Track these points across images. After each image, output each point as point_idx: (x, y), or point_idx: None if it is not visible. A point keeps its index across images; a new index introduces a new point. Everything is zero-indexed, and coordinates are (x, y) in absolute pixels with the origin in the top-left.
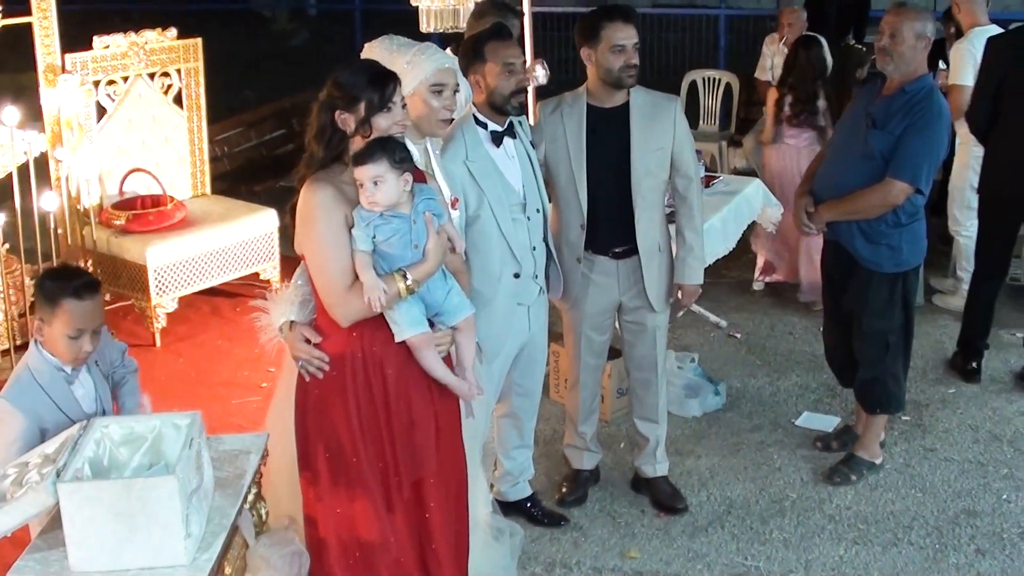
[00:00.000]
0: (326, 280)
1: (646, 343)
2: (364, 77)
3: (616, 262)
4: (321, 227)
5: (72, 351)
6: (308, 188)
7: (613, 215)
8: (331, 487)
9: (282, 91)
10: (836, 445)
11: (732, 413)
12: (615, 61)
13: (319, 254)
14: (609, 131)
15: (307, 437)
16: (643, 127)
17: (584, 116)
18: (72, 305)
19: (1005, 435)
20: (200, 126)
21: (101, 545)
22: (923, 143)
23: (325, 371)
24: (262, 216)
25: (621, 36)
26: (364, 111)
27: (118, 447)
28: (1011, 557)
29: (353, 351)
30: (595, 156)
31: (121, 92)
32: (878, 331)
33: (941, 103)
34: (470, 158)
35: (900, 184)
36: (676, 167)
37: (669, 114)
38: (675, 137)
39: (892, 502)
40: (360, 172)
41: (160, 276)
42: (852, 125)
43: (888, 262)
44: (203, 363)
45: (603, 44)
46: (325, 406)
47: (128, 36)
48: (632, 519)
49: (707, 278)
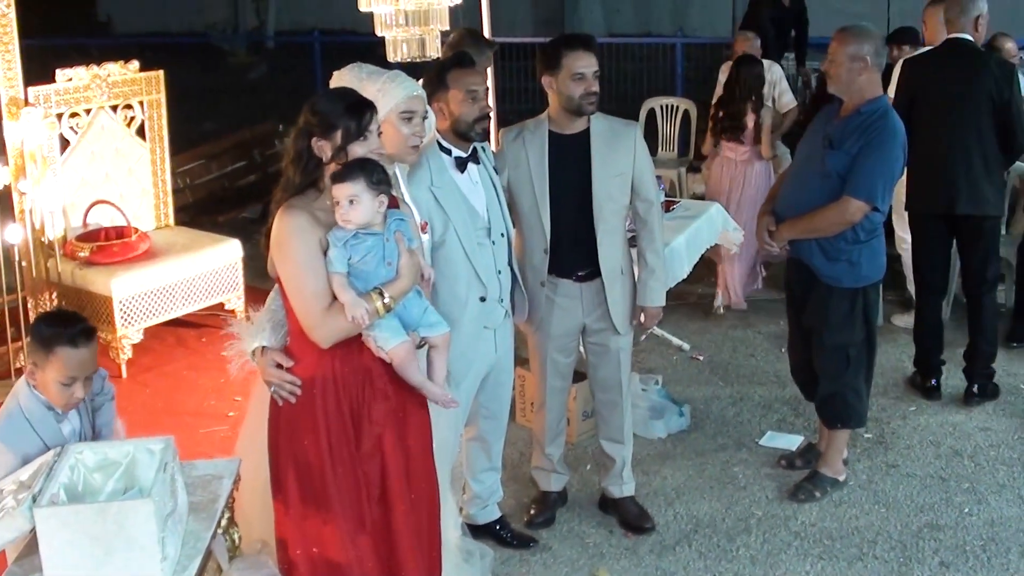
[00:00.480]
0: (303, 303)
1: (610, 365)
2: (341, 105)
3: (580, 285)
4: (296, 251)
5: (64, 397)
6: (283, 214)
7: (576, 239)
8: (302, 509)
9: (242, 123)
10: (800, 463)
11: (697, 434)
12: (576, 89)
13: (295, 278)
14: (571, 157)
15: (279, 460)
16: (604, 153)
17: (546, 142)
18: (66, 353)
19: (966, 450)
20: (163, 157)
21: (78, 569)
22: (877, 162)
23: (297, 395)
24: (226, 247)
25: (582, 64)
26: (340, 139)
27: (92, 473)
28: (974, 569)
29: (324, 374)
30: (557, 181)
31: (84, 124)
32: (838, 345)
33: (895, 123)
34: (435, 184)
35: (856, 202)
36: (637, 191)
37: (629, 140)
38: (635, 162)
39: (856, 518)
40: (337, 190)
41: (125, 307)
42: (811, 146)
43: (847, 277)
44: (170, 393)
45: (564, 72)
46: (296, 429)
47: (91, 69)
48: (600, 539)
49: (669, 301)
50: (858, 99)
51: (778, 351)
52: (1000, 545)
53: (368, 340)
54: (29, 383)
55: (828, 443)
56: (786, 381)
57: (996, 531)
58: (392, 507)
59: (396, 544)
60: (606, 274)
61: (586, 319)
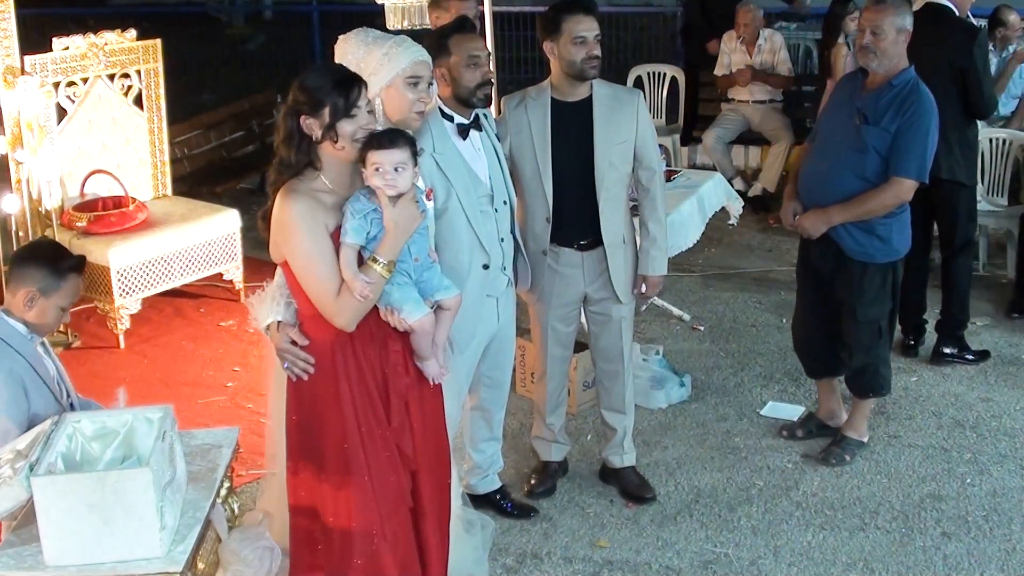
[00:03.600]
0: (318, 291)
1: (612, 334)
2: (329, 81)
3: (581, 254)
4: (304, 239)
5: (58, 321)
6: (285, 199)
7: (578, 208)
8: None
9: (240, 93)
10: (801, 433)
11: (698, 404)
12: (577, 53)
13: (306, 267)
14: (573, 125)
15: (302, 438)
16: (606, 120)
17: (548, 110)
18: (75, 279)
19: (967, 421)
20: (160, 127)
21: (76, 538)
22: (921, 138)
23: (310, 372)
24: (224, 217)
25: (582, 28)
26: (329, 116)
27: (90, 442)
28: (976, 540)
29: (344, 352)
30: (560, 149)
31: (81, 93)
32: (872, 319)
33: (927, 95)
34: (437, 150)
35: (908, 182)
36: (639, 160)
37: (631, 107)
38: (637, 130)
39: (858, 488)
40: (383, 156)
41: (123, 277)
42: (837, 121)
43: (880, 253)
44: (168, 364)
45: (565, 36)
46: (320, 408)
47: (87, 37)
48: (601, 509)
49: (669, 271)
50: (893, 71)
51: (779, 321)
52: (1002, 516)
53: (388, 314)
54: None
55: (855, 409)
56: (787, 352)
57: (998, 502)
58: (419, 481)
59: (422, 516)
60: (608, 243)
61: (588, 288)
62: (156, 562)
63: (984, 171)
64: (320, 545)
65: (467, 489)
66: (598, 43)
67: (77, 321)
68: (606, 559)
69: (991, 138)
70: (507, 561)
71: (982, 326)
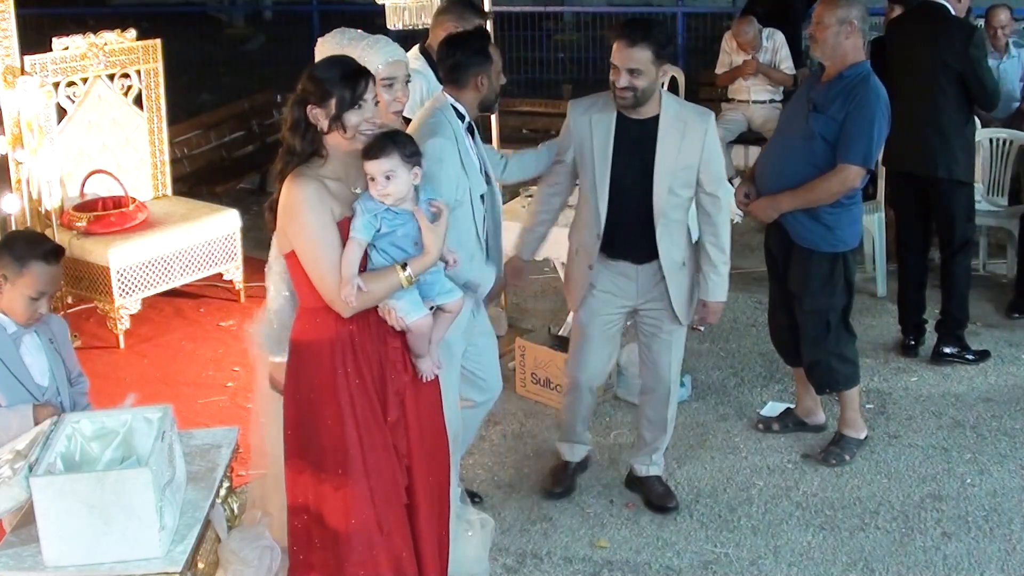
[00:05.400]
0: (321, 276)
1: (662, 350)
2: (337, 73)
3: (636, 267)
4: (311, 223)
5: (29, 311)
6: (293, 183)
7: (633, 231)
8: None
9: (240, 93)
10: (777, 427)
11: (698, 404)
12: (612, 75)
13: (311, 251)
14: (636, 145)
15: (300, 429)
16: (671, 143)
17: (613, 126)
18: (40, 268)
19: (968, 421)
20: (160, 127)
21: (75, 538)
22: (865, 125)
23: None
24: (224, 216)
25: (616, 57)
26: (335, 107)
27: (89, 442)
28: (976, 540)
29: (343, 346)
30: (619, 169)
31: (81, 93)
32: (818, 310)
33: (877, 86)
34: (458, 140)
35: (853, 168)
36: (702, 184)
37: (700, 130)
38: (703, 154)
39: (858, 488)
40: (372, 166)
41: (123, 277)
42: (793, 112)
43: (824, 242)
44: (168, 364)
45: (611, 56)
46: (317, 403)
47: (87, 37)
48: (601, 509)
49: None
50: (841, 63)
51: None
52: (1002, 516)
53: (386, 311)
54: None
55: (842, 405)
56: None
57: (998, 501)
58: (414, 477)
59: (415, 512)
60: (666, 267)
61: (639, 301)
62: (156, 562)
63: (984, 171)
64: (318, 543)
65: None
66: (634, 75)
67: (77, 321)
68: (606, 559)
69: (991, 138)
70: (507, 561)
71: (982, 326)
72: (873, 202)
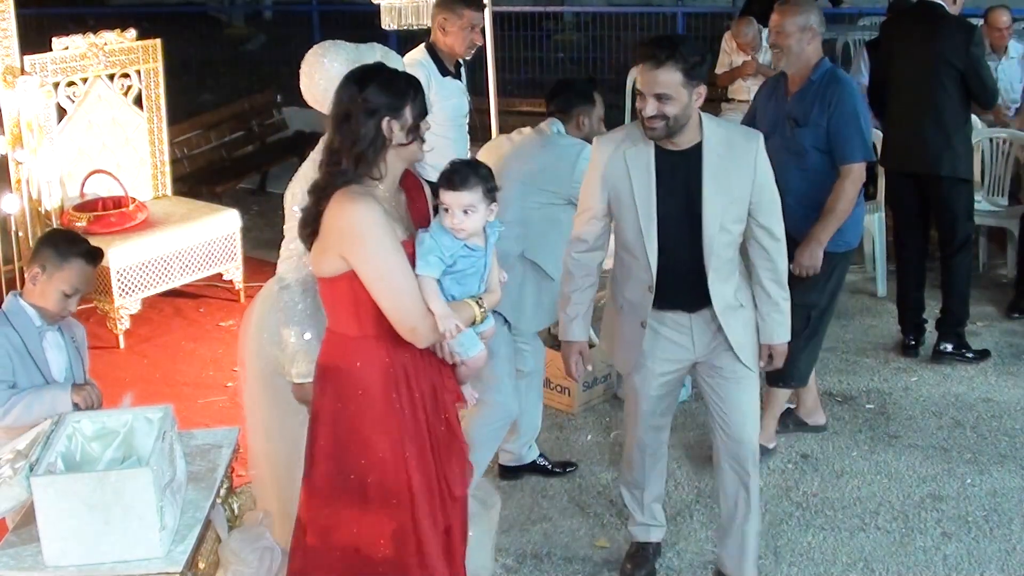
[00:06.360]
0: (400, 303)
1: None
2: (403, 83)
3: (689, 315)
4: (381, 247)
5: (60, 306)
6: (352, 202)
7: (683, 276)
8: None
9: (240, 93)
10: (778, 427)
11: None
12: (638, 103)
13: (386, 277)
14: (679, 179)
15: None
16: (719, 174)
17: (652, 160)
18: (80, 266)
19: (968, 421)
20: (160, 127)
21: (76, 538)
22: (853, 119)
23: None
24: (224, 216)
25: (641, 82)
26: (411, 117)
27: (90, 442)
28: (976, 540)
29: (396, 371)
30: (664, 210)
31: (81, 93)
32: (805, 304)
33: (845, 76)
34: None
35: (856, 166)
36: (754, 216)
37: (748, 156)
38: (755, 182)
39: (858, 488)
40: (452, 197)
41: (123, 277)
42: (773, 128)
43: (830, 242)
44: (167, 364)
45: (637, 82)
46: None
47: (87, 37)
48: (601, 509)
49: None
50: (806, 69)
51: None
52: (1002, 516)
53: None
54: (17, 294)
55: (766, 409)
56: None
57: (998, 502)
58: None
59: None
60: (720, 310)
61: (698, 353)
62: (156, 562)
63: (984, 171)
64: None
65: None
66: (663, 102)
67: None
68: (606, 559)
69: (991, 138)
70: (507, 561)
71: (982, 326)
72: (873, 202)
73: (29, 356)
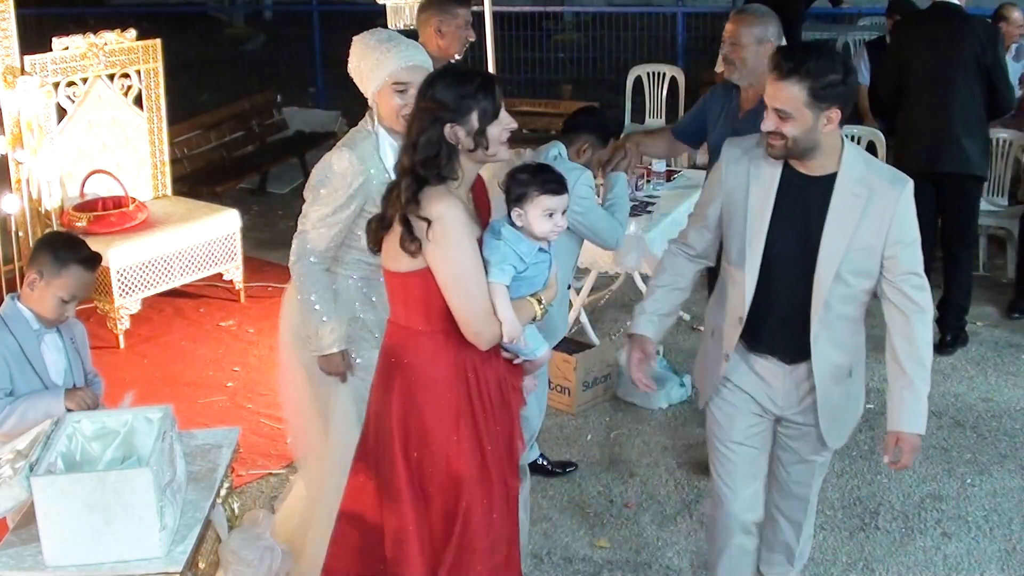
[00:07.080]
0: (470, 304)
1: (801, 472)
2: (471, 85)
3: (785, 367)
4: (462, 251)
5: (57, 312)
6: (443, 203)
7: (781, 316)
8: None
9: (240, 93)
10: None
11: (697, 404)
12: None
13: (462, 280)
14: (801, 209)
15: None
16: (848, 214)
17: (778, 175)
18: (78, 272)
19: (968, 421)
20: (160, 127)
21: (76, 538)
22: None
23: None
24: (224, 216)
25: (767, 91)
26: (478, 121)
27: (90, 442)
28: (976, 540)
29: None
30: (775, 237)
31: (81, 93)
32: None
33: None
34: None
35: None
36: (887, 275)
37: (888, 203)
38: (889, 236)
39: (858, 488)
40: (554, 201)
41: (123, 277)
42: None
43: None
44: (168, 364)
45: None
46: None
47: (87, 37)
48: (601, 509)
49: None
50: (761, 86)
51: None
52: (1002, 516)
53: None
54: (15, 297)
55: None
56: None
57: (998, 502)
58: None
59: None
60: (818, 372)
61: (783, 409)
62: (156, 562)
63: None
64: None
65: None
66: (777, 117)
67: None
68: (606, 559)
69: (991, 138)
70: None
71: (982, 326)
72: None
73: (27, 361)
